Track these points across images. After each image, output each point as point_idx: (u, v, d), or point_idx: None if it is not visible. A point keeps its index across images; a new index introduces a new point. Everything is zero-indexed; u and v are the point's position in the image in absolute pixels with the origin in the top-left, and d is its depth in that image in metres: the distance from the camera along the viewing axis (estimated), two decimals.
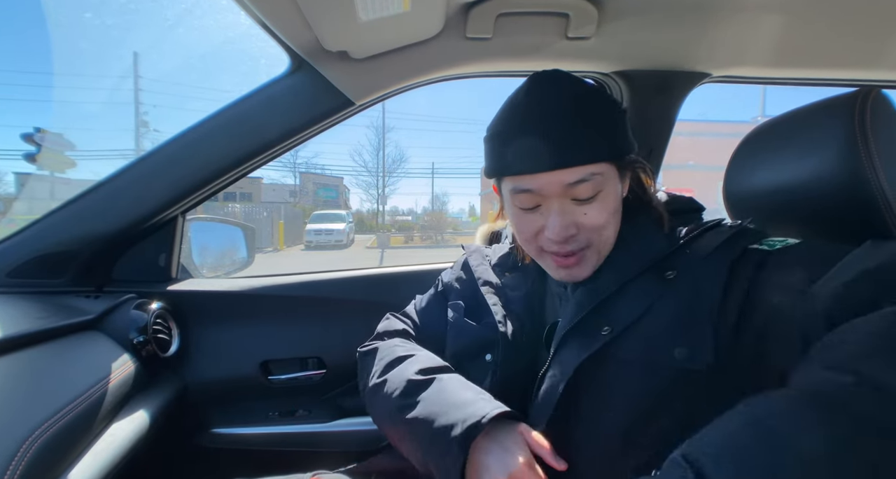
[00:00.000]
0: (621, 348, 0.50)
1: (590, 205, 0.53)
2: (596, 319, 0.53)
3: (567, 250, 0.55)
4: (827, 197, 0.55)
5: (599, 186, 0.52)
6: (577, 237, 0.54)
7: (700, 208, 0.62)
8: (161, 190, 0.92)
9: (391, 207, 32.96)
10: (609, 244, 0.56)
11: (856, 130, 0.51)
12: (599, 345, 0.51)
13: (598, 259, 0.57)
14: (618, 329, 0.51)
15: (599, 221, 0.53)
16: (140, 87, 18.35)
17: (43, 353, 0.66)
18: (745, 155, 0.67)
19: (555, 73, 0.56)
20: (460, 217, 33.76)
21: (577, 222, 0.53)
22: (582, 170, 0.51)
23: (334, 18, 0.69)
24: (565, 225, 0.53)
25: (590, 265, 0.56)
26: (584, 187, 0.52)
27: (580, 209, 0.53)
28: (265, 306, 1.04)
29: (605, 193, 0.53)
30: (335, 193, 29.81)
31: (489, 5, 0.78)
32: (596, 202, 0.53)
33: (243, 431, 1.01)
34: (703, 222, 0.57)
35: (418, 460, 0.55)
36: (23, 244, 0.90)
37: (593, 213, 0.53)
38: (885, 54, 0.91)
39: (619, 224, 0.57)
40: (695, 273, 0.50)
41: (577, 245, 0.55)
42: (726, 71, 0.96)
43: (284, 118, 0.91)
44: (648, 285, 0.52)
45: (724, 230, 0.53)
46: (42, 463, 0.51)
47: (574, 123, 0.51)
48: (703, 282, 0.50)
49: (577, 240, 0.54)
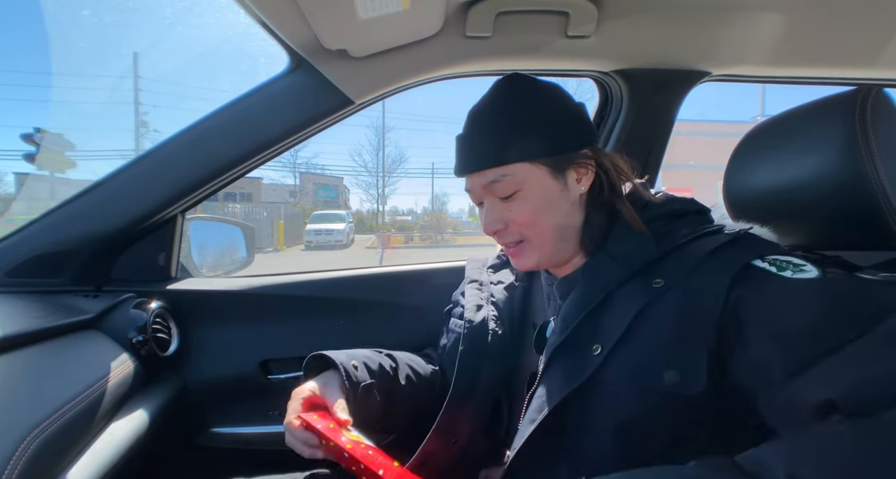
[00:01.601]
0: (609, 370, 0.49)
1: (513, 202, 0.56)
2: (584, 333, 0.52)
3: (505, 241, 0.59)
4: (827, 195, 0.55)
5: (517, 186, 0.55)
6: (507, 231, 0.58)
7: (703, 210, 0.58)
8: (160, 189, 0.92)
9: (391, 207, 32.96)
10: (548, 239, 0.57)
11: (856, 128, 0.51)
12: (589, 372, 0.49)
13: (542, 252, 0.58)
14: (608, 346, 0.49)
15: (523, 217, 0.56)
16: (140, 87, 18.37)
17: (42, 352, 0.66)
18: (745, 154, 0.67)
19: (501, 80, 0.60)
20: (460, 217, 33.75)
21: (504, 218, 0.58)
22: (492, 172, 0.56)
23: (334, 17, 0.69)
24: (491, 220, 0.58)
25: (531, 257, 0.59)
26: (500, 186, 0.56)
27: (506, 206, 0.57)
28: (265, 305, 1.04)
29: (525, 192, 0.56)
30: (335, 193, 29.81)
31: (489, 4, 0.78)
32: (517, 200, 0.56)
33: (243, 430, 1.01)
34: (701, 227, 0.54)
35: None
36: (22, 243, 0.90)
37: (516, 209, 0.56)
38: (884, 53, 0.91)
39: (560, 222, 0.57)
40: (686, 285, 0.48)
41: (511, 238, 0.58)
42: (726, 70, 0.96)
43: (284, 117, 0.91)
44: (635, 294, 0.50)
45: (720, 237, 0.50)
46: (41, 462, 0.51)
47: (487, 130, 0.57)
48: (696, 298, 0.46)
49: (509, 233, 0.58)
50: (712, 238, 0.51)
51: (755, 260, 0.47)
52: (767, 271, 0.45)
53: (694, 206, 0.58)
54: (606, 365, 0.49)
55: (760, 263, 0.46)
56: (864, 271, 0.57)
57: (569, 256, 0.60)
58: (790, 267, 0.45)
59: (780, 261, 0.46)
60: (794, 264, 0.46)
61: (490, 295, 0.69)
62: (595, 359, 0.49)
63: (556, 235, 0.57)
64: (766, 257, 0.47)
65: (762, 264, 0.46)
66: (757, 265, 0.46)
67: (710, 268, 0.48)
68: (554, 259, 0.59)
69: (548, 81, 0.60)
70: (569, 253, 0.59)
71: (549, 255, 0.58)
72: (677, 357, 0.46)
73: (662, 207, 0.57)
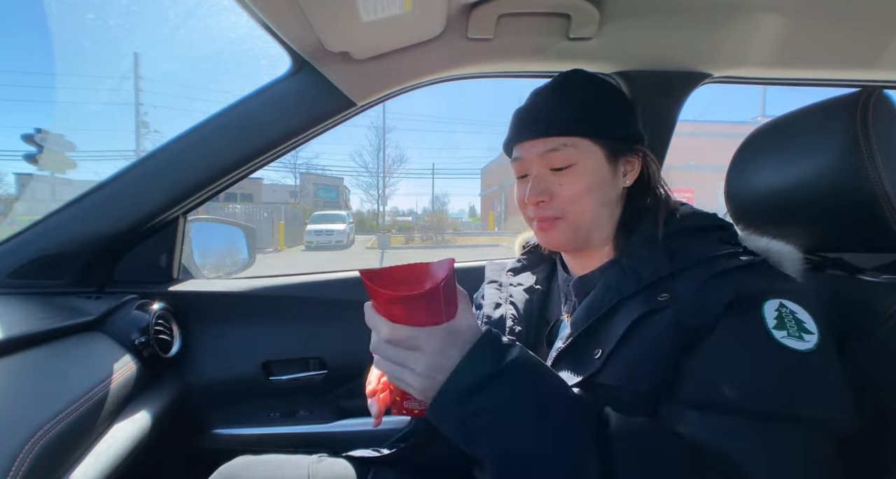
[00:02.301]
0: (606, 373, 0.50)
1: (564, 175, 0.57)
2: (590, 339, 0.53)
3: (542, 215, 0.59)
4: (829, 197, 0.55)
5: (573, 159, 0.57)
6: (550, 204, 0.59)
7: (725, 226, 0.57)
8: (162, 191, 0.92)
9: (391, 208, 32.99)
10: (586, 221, 0.58)
11: (857, 130, 0.51)
12: (587, 375, 0.50)
13: (576, 233, 0.59)
14: (606, 351, 0.50)
15: (572, 192, 0.57)
16: (140, 87, 18.36)
17: (44, 354, 0.66)
18: (747, 156, 0.67)
19: (570, 71, 0.63)
20: (461, 218, 33.79)
21: (551, 191, 0.58)
22: (554, 140, 0.57)
23: (336, 19, 0.69)
24: (539, 190, 0.58)
25: (563, 235, 0.59)
26: (558, 156, 0.57)
27: (556, 179, 0.58)
28: (266, 306, 1.04)
29: (580, 167, 0.57)
30: (335, 194, 29.82)
31: (491, 6, 0.78)
32: (569, 173, 0.57)
33: (245, 432, 1.01)
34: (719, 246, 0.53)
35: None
36: (24, 245, 0.90)
37: (567, 183, 0.57)
38: (886, 54, 0.91)
39: (601, 207, 0.58)
40: (690, 300, 0.48)
41: (550, 212, 0.59)
42: (727, 71, 0.96)
43: (286, 119, 0.91)
44: (639, 304, 0.51)
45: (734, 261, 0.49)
46: (44, 464, 0.51)
47: (555, 103, 0.59)
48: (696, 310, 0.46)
49: (552, 207, 0.59)
50: (727, 260, 0.50)
51: (767, 300, 0.45)
52: (764, 319, 0.44)
53: (717, 221, 0.57)
54: (604, 369, 0.50)
55: (769, 307, 0.44)
56: (866, 273, 0.57)
57: (596, 245, 0.61)
58: (791, 328, 0.43)
59: (789, 316, 0.44)
60: (800, 325, 0.43)
61: (509, 295, 0.70)
62: (595, 363, 0.50)
63: (594, 219, 0.59)
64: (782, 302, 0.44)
65: (769, 312, 0.44)
66: (763, 308, 0.44)
67: (716, 286, 0.47)
68: (582, 243, 0.60)
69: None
70: (597, 242, 0.60)
71: (580, 236, 0.59)
72: (669, 366, 0.46)
73: (684, 222, 0.57)
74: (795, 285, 0.48)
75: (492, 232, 23.93)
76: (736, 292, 0.45)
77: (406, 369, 0.43)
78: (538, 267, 0.73)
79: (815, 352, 0.42)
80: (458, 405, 0.41)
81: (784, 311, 0.44)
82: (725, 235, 0.56)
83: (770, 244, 0.54)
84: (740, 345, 0.44)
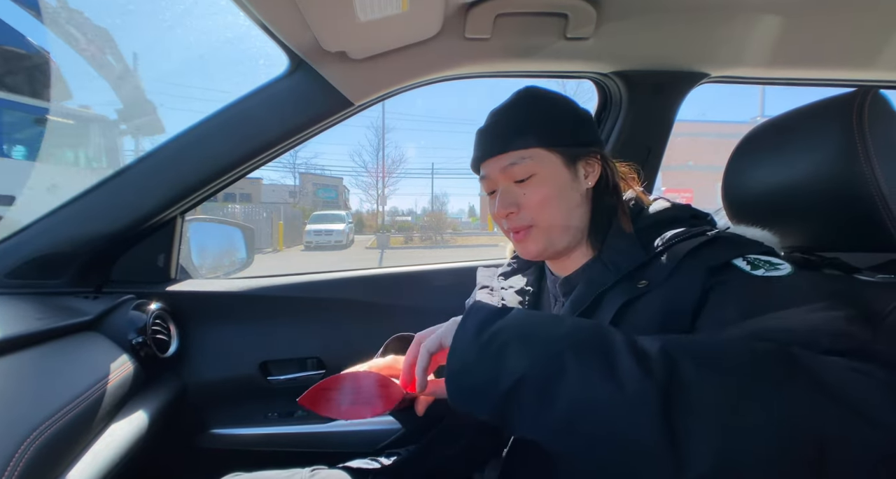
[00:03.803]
0: None
1: (527, 185, 0.60)
2: None
3: (515, 226, 0.62)
4: (825, 196, 0.56)
5: (533, 170, 0.60)
6: (519, 215, 0.61)
7: (698, 215, 0.60)
8: (160, 191, 0.92)
9: (391, 208, 32.93)
10: (556, 224, 0.60)
11: (854, 129, 0.51)
12: None
13: (549, 238, 0.61)
14: None
15: (537, 200, 0.60)
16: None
17: (41, 354, 0.66)
18: (744, 155, 0.67)
19: (521, 89, 0.65)
20: (460, 218, 33.75)
21: (517, 202, 0.61)
22: (512, 154, 0.60)
23: (333, 19, 0.69)
24: (506, 203, 0.61)
25: (538, 242, 0.61)
26: (518, 169, 0.60)
27: (520, 190, 0.61)
28: (264, 306, 1.04)
29: (541, 176, 0.60)
30: (335, 194, 29.80)
31: (488, 6, 0.78)
32: (532, 183, 0.60)
33: (242, 432, 1.01)
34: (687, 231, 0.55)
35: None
36: (21, 245, 0.90)
37: (531, 192, 0.60)
38: (882, 54, 0.91)
39: (568, 210, 0.60)
40: (666, 285, 0.50)
41: (521, 222, 0.61)
42: (725, 71, 0.96)
43: (283, 119, 0.91)
44: (621, 293, 0.53)
45: (700, 238, 0.52)
46: (41, 464, 0.51)
47: (510, 119, 0.62)
48: (676, 294, 0.48)
49: (521, 218, 0.61)
50: (694, 240, 0.52)
51: (735, 259, 0.48)
52: (739, 268, 0.47)
53: (689, 212, 0.60)
54: None
55: (739, 262, 0.48)
56: (862, 272, 0.57)
57: (571, 247, 0.62)
58: (764, 266, 0.47)
59: (759, 260, 0.48)
60: (771, 263, 0.47)
61: (501, 299, 0.71)
62: None
63: (564, 222, 0.61)
64: (746, 256, 0.48)
65: (740, 263, 0.48)
66: (734, 264, 0.48)
67: (689, 266, 0.49)
68: (558, 247, 0.62)
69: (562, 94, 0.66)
70: (572, 244, 0.62)
71: (554, 241, 0.61)
72: None
73: (656, 215, 0.60)
74: (763, 247, 0.51)
75: (491, 232, 23.94)
76: (707, 268, 0.48)
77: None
78: (528, 269, 0.74)
79: (794, 273, 0.46)
80: (475, 336, 0.42)
81: (753, 259, 0.48)
82: (697, 223, 0.58)
83: (747, 230, 0.56)
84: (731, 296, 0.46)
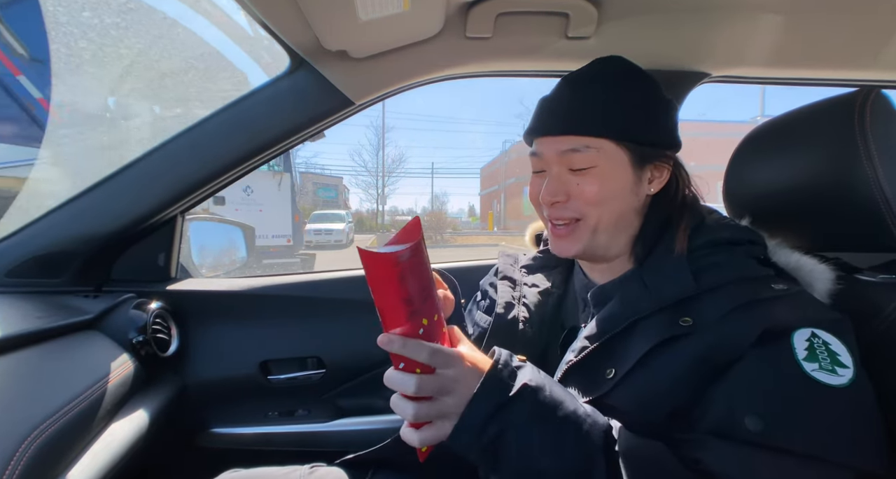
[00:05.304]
0: (617, 395, 0.48)
1: (583, 176, 0.54)
2: (603, 355, 0.51)
3: (558, 216, 0.56)
4: (827, 197, 0.56)
5: (595, 161, 0.53)
6: (567, 205, 0.55)
7: (756, 240, 0.54)
8: (161, 190, 0.92)
9: (391, 207, 32.90)
10: (605, 226, 0.55)
11: (855, 129, 0.51)
12: (598, 394, 0.49)
13: (594, 238, 0.55)
14: (620, 373, 0.48)
15: (590, 195, 0.54)
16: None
17: (42, 353, 0.66)
18: (745, 155, 0.67)
19: (608, 58, 0.58)
20: (460, 217, 33.78)
21: (568, 191, 0.55)
22: (575, 140, 0.53)
23: (334, 18, 0.69)
24: (555, 190, 0.55)
25: (579, 241, 0.56)
26: (578, 158, 0.53)
27: (574, 179, 0.54)
28: (264, 305, 1.04)
29: (602, 170, 0.53)
30: (335, 193, 29.76)
31: (489, 5, 0.78)
32: (590, 175, 0.53)
33: (242, 431, 1.01)
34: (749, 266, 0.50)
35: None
36: (22, 244, 0.90)
37: (585, 185, 0.54)
38: (884, 54, 0.91)
39: (620, 215, 0.55)
40: (712, 331, 0.45)
41: (568, 213, 0.55)
42: (726, 71, 0.96)
43: (284, 118, 0.91)
44: (659, 326, 0.48)
45: (768, 290, 0.46)
46: (41, 463, 0.51)
47: (580, 97, 0.54)
48: (720, 343, 0.44)
49: (568, 208, 0.55)
50: (758, 285, 0.47)
51: (800, 329, 0.43)
52: (793, 350, 0.41)
53: (748, 235, 0.54)
54: (615, 390, 0.48)
55: (799, 338, 0.42)
56: (863, 272, 0.57)
57: (613, 254, 0.58)
58: (825, 362, 0.41)
59: (821, 348, 0.42)
60: (834, 357, 0.41)
61: (522, 295, 0.67)
62: (607, 383, 0.49)
63: (614, 225, 0.55)
64: (814, 331, 0.42)
65: (799, 341, 0.42)
66: (794, 336, 0.42)
67: (745, 317, 0.44)
68: (599, 251, 0.56)
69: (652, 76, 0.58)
70: (614, 251, 0.57)
71: (598, 243, 0.56)
72: (684, 396, 0.44)
73: (713, 233, 0.53)
74: (829, 313, 0.45)
75: (491, 232, 23.95)
76: (763, 329, 0.43)
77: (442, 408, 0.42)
78: (555, 269, 0.70)
79: (848, 388, 0.40)
80: (476, 435, 0.41)
81: (816, 341, 0.42)
82: (755, 250, 0.53)
83: (801, 262, 0.52)
84: (768, 375, 0.41)
